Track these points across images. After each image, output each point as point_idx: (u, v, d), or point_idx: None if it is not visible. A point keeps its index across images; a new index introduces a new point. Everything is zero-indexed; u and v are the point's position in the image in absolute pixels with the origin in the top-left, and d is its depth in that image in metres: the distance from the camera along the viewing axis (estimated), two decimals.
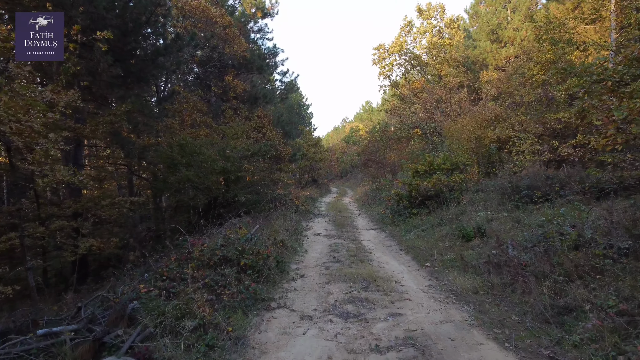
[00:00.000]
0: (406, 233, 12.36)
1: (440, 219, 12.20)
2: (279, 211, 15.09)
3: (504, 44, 27.50)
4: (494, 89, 22.44)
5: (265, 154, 15.45)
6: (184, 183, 13.33)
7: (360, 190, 32.30)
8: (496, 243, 7.97)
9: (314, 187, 36.00)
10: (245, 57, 21.00)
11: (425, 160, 14.93)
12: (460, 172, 14.78)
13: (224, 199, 13.79)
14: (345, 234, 12.99)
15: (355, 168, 56.40)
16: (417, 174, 14.90)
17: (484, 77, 24.95)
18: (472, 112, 22.66)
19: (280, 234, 10.82)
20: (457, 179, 13.99)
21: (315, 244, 11.39)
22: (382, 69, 28.99)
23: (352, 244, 11.22)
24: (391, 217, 14.67)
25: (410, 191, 14.49)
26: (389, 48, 28.98)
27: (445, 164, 14.68)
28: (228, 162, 13.47)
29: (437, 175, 13.91)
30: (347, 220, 16.81)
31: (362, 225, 15.47)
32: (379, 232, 13.48)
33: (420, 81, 28.20)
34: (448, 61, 27.01)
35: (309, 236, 12.73)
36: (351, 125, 74.93)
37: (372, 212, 19.36)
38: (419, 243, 10.60)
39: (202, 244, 7.49)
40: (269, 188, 16.52)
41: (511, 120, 17.17)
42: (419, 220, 13.49)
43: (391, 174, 28.80)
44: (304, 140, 36.11)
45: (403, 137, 27.09)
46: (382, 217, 15.91)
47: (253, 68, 22.17)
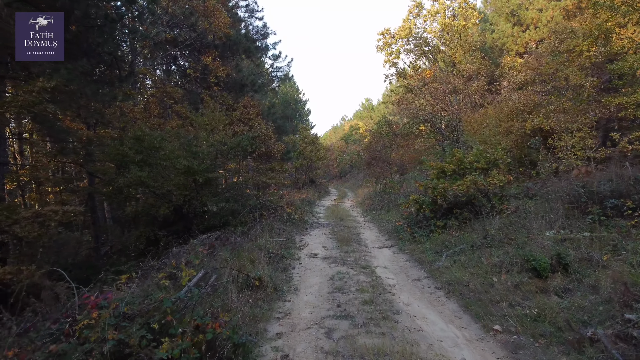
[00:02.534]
0: (434, 256, 9.03)
1: (484, 237, 8.85)
2: (265, 222, 11.79)
3: (525, 27, 24.20)
4: (521, 74, 19.10)
5: (247, 149, 12.05)
6: (136, 187, 9.97)
7: (362, 192, 28.96)
8: (620, 296, 4.63)
9: (311, 188, 32.70)
10: (229, 35, 17.64)
11: (453, 158, 11.59)
12: (498, 172, 11.45)
13: (190, 208, 10.44)
14: (352, 256, 9.65)
15: (355, 168, 53.44)
16: (443, 175, 11.57)
17: (507, 63, 21.62)
18: (495, 102, 19.36)
19: (258, 263, 7.48)
20: (496, 182, 10.65)
21: (310, 275, 8.02)
22: (388, 56, 25.60)
23: (364, 275, 7.87)
24: (409, 231, 11.32)
25: (435, 197, 11.15)
26: (395, 33, 25.58)
27: (479, 161, 11.35)
28: (195, 160, 10.12)
29: (471, 176, 10.56)
30: (352, 232, 13.45)
31: (372, 239, 12.12)
32: (396, 253, 10.14)
33: (431, 69, 24.85)
34: (463, 46, 23.66)
35: (303, 260, 9.37)
36: (350, 123, 71.77)
37: (381, 220, 16.01)
38: (462, 276, 7.27)
39: (100, 303, 4.08)
40: (253, 194, 13.13)
41: (553, 109, 13.83)
42: (447, 236, 10.17)
43: (398, 174, 25.46)
44: (300, 137, 32.79)
45: (412, 132, 23.76)
46: (396, 229, 12.56)
47: (239, 50, 18.79)
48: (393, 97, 27.40)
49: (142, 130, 10.59)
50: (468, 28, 24.49)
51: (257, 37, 20.16)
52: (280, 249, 9.68)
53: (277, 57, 20.58)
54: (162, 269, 6.49)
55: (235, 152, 11.69)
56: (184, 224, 10.90)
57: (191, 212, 10.41)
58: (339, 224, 15.35)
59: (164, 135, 10.78)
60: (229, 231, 10.01)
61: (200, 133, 11.14)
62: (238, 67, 19.04)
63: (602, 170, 12.27)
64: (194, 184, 10.54)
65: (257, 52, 19.86)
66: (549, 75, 13.91)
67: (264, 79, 20.51)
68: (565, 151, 12.95)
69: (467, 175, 10.89)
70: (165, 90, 16.06)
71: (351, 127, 67.37)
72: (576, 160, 12.55)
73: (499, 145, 12.69)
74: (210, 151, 10.59)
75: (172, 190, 10.09)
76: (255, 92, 19.96)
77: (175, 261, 6.54)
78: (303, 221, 14.81)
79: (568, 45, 13.99)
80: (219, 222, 10.55)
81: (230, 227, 10.61)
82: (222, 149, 11.10)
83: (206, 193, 10.52)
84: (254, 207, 11.85)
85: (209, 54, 17.09)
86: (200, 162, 10.20)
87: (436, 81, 23.43)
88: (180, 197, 10.28)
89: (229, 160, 12.31)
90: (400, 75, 25.75)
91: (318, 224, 15.33)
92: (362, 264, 8.88)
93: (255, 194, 12.95)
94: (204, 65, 16.63)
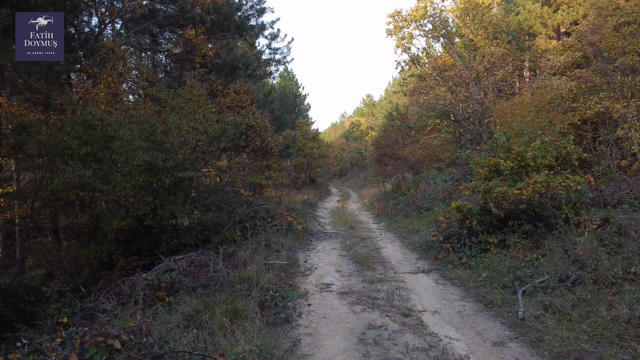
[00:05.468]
0: (504, 293, 6.19)
1: (580, 267, 6.00)
2: (259, 236, 8.99)
3: (556, 7, 21.32)
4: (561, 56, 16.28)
5: (235, 139, 9.10)
6: (76, 191, 7.10)
7: (368, 192, 26.16)
8: None
9: (311, 188, 29.89)
10: (218, 8, 14.79)
11: (510, 151, 8.72)
12: (573, 171, 8.60)
13: (154, 220, 7.55)
14: (381, 289, 6.79)
15: (355, 166, 50.91)
16: (496, 175, 8.72)
17: (540, 45, 18.76)
18: (532, 89, 16.54)
19: (244, 319, 4.63)
20: (571, 184, 7.80)
21: (326, 332, 5.07)
22: (400, 40, 22.71)
23: (410, 332, 4.98)
24: (452, 249, 8.45)
25: (485, 203, 8.29)
26: (407, 15, 22.70)
27: (545, 157, 8.48)
28: (160, 154, 7.25)
29: (542, 176, 7.69)
30: (369, 247, 10.58)
31: (398, 259, 9.26)
32: (440, 283, 7.26)
33: (449, 55, 21.97)
34: (486, 28, 20.77)
35: (312, 297, 6.47)
36: (351, 120, 68.97)
37: (400, 228, 13.16)
38: (575, 339, 4.44)
39: None
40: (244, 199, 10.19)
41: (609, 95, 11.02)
42: (510, 259, 7.34)
43: (412, 173, 22.60)
44: (299, 132, 29.92)
45: (429, 125, 20.91)
46: (428, 244, 9.71)
47: (230, 27, 15.86)
48: (405, 87, 24.50)
49: (92, 113, 7.72)
50: (492, 7, 21.66)
51: (252, 13, 17.23)
52: (279, 281, 6.81)
53: (275, 36, 17.65)
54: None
55: (219, 144, 8.78)
56: (149, 241, 8.03)
57: (156, 225, 7.52)
58: (350, 234, 12.50)
59: (122, 120, 7.89)
60: (209, 253, 7.12)
61: (171, 117, 8.21)
62: (229, 46, 16.14)
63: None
64: (160, 187, 7.65)
65: (251, 30, 16.94)
66: (617, 51, 11.06)
67: (260, 62, 17.59)
68: None
69: (531, 175, 8.04)
70: (139, 70, 13.21)
71: (352, 124, 64.68)
72: None
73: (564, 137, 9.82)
74: (182, 142, 7.71)
75: (128, 195, 7.20)
76: (249, 77, 17.05)
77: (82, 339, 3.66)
78: (307, 231, 11.93)
79: None
80: (195, 239, 7.66)
81: (211, 245, 7.73)
82: (201, 138, 8.23)
83: (177, 200, 7.65)
84: (241, 219, 8.93)
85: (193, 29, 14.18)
86: (168, 157, 7.32)
87: (456, 68, 20.55)
88: (140, 205, 7.40)
89: (213, 156, 9.43)
90: (413, 62, 22.90)
91: (325, 234, 12.47)
92: (400, 305, 6.02)
93: (246, 200, 10.01)
94: (186, 40, 13.72)
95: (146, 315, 4.92)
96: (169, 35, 16.26)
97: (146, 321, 4.47)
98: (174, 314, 4.97)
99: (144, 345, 3.86)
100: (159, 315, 5.01)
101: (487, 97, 18.92)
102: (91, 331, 3.90)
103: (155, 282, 6.04)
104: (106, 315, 5.13)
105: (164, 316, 4.96)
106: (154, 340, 3.96)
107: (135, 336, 3.85)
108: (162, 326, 4.57)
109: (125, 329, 3.84)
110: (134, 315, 4.71)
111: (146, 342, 3.87)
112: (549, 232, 7.75)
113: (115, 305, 5.66)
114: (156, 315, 5.04)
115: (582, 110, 11.81)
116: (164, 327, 4.54)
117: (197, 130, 8.28)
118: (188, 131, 8.09)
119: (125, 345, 3.69)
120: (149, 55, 16.10)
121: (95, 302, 5.92)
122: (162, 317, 4.93)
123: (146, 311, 5.18)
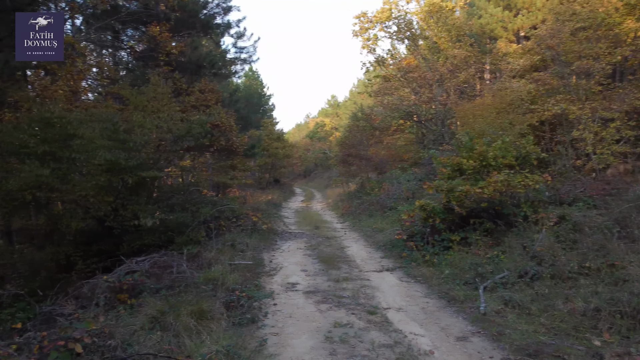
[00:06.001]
0: (466, 289, 6.36)
1: (538, 263, 6.23)
2: (225, 236, 8.91)
3: (516, 11, 21.98)
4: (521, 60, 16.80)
5: (199, 138, 8.99)
6: (33, 191, 6.86)
7: (332, 192, 26.25)
8: None
9: (276, 188, 29.82)
10: (184, 4, 14.54)
11: (473, 151, 8.94)
12: (532, 171, 8.89)
13: (116, 221, 7.37)
14: (346, 287, 6.84)
15: (320, 166, 51.04)
16: (459, 174, 8.93)
17: (502, 49, 19.30)
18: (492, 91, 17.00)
19: (211, 320, 4.58)
20: (530, 183, 8.08)
21: (293, 331, 5.05)
22: (366, 41, 22.91)
23: (376, 328, 5.04)
24: (416, 248, 8.60)
25: (448, 202, 8.47)
26: (373, 17, 22.92)
27: (505, 157, 8.74)
28: (123, 152, 7.08)
29: (503, 175, 7.93)
30: (334, 246, 10.65)
31: (363, 257, 9.36)
32: (405, 281, 7.38)
33: (413, 56, 22.32)
34: (449, 31, 21.20)
35: (278, 297, 6.44)
36: (316, 120, 69.05)
37: (364, 228, 13.30)
38: (535, 332, 4.62)
39: None
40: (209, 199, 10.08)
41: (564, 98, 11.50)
42: (472, 256, 7.55)
43: (375, 173, 22.83)
44: (264, 132, 29.76)
45: (393, 126, 21.20)
46: (393, 243, 9.84)
47: (195, 24, 15.62)
48: (370, 87, 24.76)
49: (50, 109, 7.48)
50: (455, 10, 22.16)
51: (218, 11, 17.03)
52: (244, 281, 6.78)
53: (241, 35, 17.48)
54: None
55: (183, 143, 8.65)
56: (110, 243, 7.83)
57: (118, 226, 7.34)
58: (315, 234, 12.54)
59: (83, 118, 7.68)
60: (173, 254, 7.01)
61: (135, 115, 8.03)
62: (194, 44, 15.91)
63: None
64: (123, 187, 7.48)
65: (217, 29, 16.75)
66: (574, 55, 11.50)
67: (225, 60, 17.40)
68: (594, 145, 10.58)
69: (493, 175, 8.28)
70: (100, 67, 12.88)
71: (316, 124, 64.74)
72: (610, 157, 10.20)
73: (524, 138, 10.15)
74: (146, 140, 7.55)
75: (89, 196, 7.00)
76: (215, 76, 16.86)
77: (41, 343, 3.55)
78: (272, 231, 11.89)
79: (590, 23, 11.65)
80: (158, 240, 7.52)
81: (175, 246, 7.61)
82: (165, 136, 8.09)
83: (139, 200, 7.49)
84: (209, 217, 8.84)
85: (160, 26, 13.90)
86: (131, 156, 7.16)
87: (420, 69, 20.92)
88: (101, 206, 7.21)
89: (177, 155, 9.28)
90: (379, 63, 23.15)
91: (290, 234, 12.46)
92: (365, 302, 6.08)
93: (211, 200, 9.90)
94: (150, 37, 13.44)
95: (108, 318, 4.80)
96: (132, 32, 15.88)
97: (109, 324, 4.37)
98: (137, 316, 4.87)
99: (107, 348, 3.76)
100: (122, 318, 4.89)
101: (449, 99, 19.34)
102: (50, 335, 3.77)
103: (117, 284, 5.89)
104: (66, 319, 4.97)
105: (127, 319, 4.84)
106: (117, 343, 3.87)
107: (98, 339, 3.75)
108: (126, 329, 4.47)
109: (88, 332, 3.73)
110: (96, 317, 4.59)
111: (109, 346, 3.78)
112: (509, 229, 8.02)
113: (75, 309, 5.49)
114: (119, 317, 4.92)
115: (541, 111, 12.22)
116: (127, 330, 4.44)
117: (162, 129, 8.14)
118: (152, 130, 7.93)
119: (87, 349, 3.59)
120: (111, 52, 15.68)
121: (53, 306, 5.72)
122: (125, 319, 4.81)
123: (108, 314, 5.05)
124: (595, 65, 11.11)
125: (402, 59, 23.95)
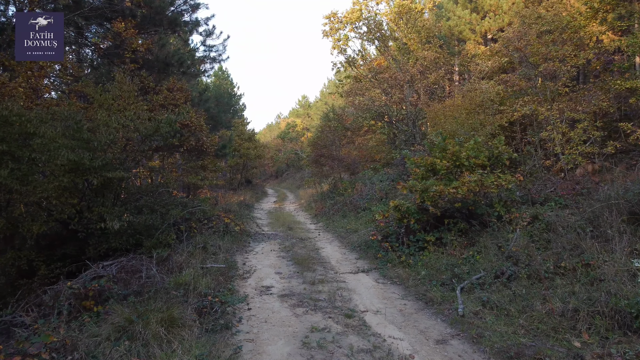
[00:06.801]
0: (443, 290, 6.31)
1: (514, 263, 6.22)
2: (196, 238, 8.64)
3: (484, 14, 22.32)
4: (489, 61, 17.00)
5: (168, 138, 8.69)
6: None
7: (305, 193, 26.07)
8: None
9: (247, 189, 29.45)
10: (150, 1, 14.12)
11: (446, 151, 8.92)
12: (503, 171, 8.94)
13: (80, 224, 7.02)
14: (322, 290, 6.69)
15: (291, 167, 50.82)
16: (432, 174, 8.89)
17: (470, 50, 19.53)
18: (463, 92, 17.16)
19: (182, 327, 4.37)
20: (503, 183, 8.11)
21: (268, 337, 4.86)
22: (336, 42, 22.84)
23: (354, 333, 4.91)
24: (391, 248, 8.52)
25: (422, 202, 8.42)
26: (343, 17, 22.85)
27: (478, 157, 8.76)
28: (87, 152, 6.75)
29: (476, 175, 7.94)
30: (309, 247, 10.49)
31: (338, 259, 9.23)
32: (381, 282, 7.27)
33: (384, 57, 22.36)
34: (419, 32, 21.34)
35: (252, 301, 6.23)
36: (287, 121, 68.77)
37: (338, 228, 13.19)
38: (514, 333, 4.56)
39: None
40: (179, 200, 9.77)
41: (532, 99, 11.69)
42: (448, 257, 7.51)
43: (348, 174, 22.78)
44: (235, 132, 29.32)
45: (364, 126, 21.21)
46: (367, 243, 9.74)
47: (162, 22, 15.16)
48: (341, 88, 24.71)
49: (8, 107, 7.05)
50: (424, 12, 22.33)
51: (186, 8, 16.62)
52: (217, 285, 6.54)
53: (210, 33, 17.07)
54: None
55: (151, 143, 8.34)
56: (75, 247, 7.46)
57: (83, 229, 6.99)
58: (288, 235, 12.36)
59: (44, 116, 7.28)
60: (141, 258, 6.72)
61: (99, 114, 7.68)
62: (162, 41, 15.48)
63: (611, 168, 10.20)
64: (87, 188, 7.14)
65: (185, 26, 16.33)
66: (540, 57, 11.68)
67: (194, 59, 17.01)
68: (562, 146, 10.75)
69: (466, 175, 8.27)
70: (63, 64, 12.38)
71: (288, 125, 64.53)
72: (578, 157, 10.36)
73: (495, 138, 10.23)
74: (111, 139, 7.22)
75: (51, 197, 6.64)
76: (183, 74, 16.45)
77: None
78: (245, 233, 11.65)
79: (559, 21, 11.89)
80: (126, 244, 7.20)
81: (143, 249, 7.31)
82: (132, 136, 7.76)
83: (106, 201, 7.15)
84: (180, 218, 8.55)
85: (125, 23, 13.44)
86: (96, 155, 6.83)
87: (391, 70, 20.97)
88: (64, 208, 6.85)
89: (145, 155, 8.96)
90: (349, 64, 23.12)
91: (263, 236, 12.23)
92: (342, 305, 5.95)
93: (181, 202, 9.60)
94: (115, 34, 12.99)
95: (71, 329, 4.51)
96: (96, 29, 15.34)
97: (71, 335, 4.10)
98: (103, 325, 4.59)
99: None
100: (87, 328, 4.61)
101: (420, 99, 19.46)
102: (6, 349, 3.49)
103: (82, 291, 5.57)
104: (25, 330, 4.66)
105: (92, 328, 4.56)
106: (81, 356, 3.63)
107: (58, 353, 3.49)
108: (90, 340, 4.20)
109: (47, 346, 3.47)
110: (57, 329, 4.30)
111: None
112: (483, 229, 8.03)
113: (35, 318, 5.16)
114: (83, 327, 4.64)
115: (509, 112, 12.38)
116: (92, 341, 4.17)
117: (128, 128, 7.80)
118: (118, 129, 7.59)
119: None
120: (74, 49, 15.10)
121: (12, 315, 5.37)
122: (90, 329, 4.53)
123: (71, 323, 4.75)
124: (561, 68, 11.29)
125: (373, 59, 24.01)
